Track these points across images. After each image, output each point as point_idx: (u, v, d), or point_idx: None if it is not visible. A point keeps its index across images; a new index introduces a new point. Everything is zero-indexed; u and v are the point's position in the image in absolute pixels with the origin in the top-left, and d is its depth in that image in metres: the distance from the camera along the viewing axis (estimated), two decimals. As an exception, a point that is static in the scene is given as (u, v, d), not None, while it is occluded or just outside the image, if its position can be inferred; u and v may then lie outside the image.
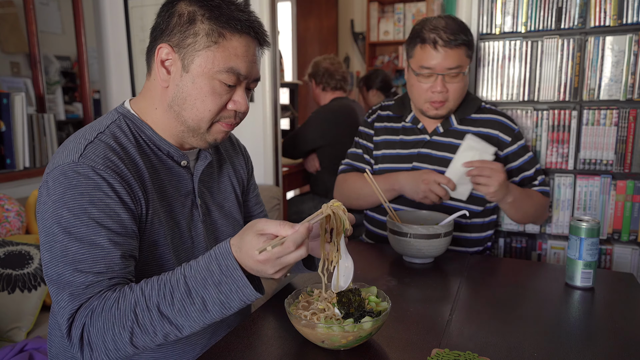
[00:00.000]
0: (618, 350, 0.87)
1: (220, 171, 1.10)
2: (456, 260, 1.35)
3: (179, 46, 0.88)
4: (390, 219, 1.33)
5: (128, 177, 0.85)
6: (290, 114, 3.57)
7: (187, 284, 0.77)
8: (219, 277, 0.76)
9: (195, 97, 0.89)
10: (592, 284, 1.14)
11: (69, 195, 0.80)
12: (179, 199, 0.96)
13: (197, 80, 0.88)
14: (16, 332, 1.60)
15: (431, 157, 1.54)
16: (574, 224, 1.14)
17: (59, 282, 0.80)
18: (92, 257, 0.80)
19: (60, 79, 4.03)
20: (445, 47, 1.39)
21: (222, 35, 0.87)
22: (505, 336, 0.92)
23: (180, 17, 0.88)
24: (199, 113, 0.90)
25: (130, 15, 2.67)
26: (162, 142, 0.94)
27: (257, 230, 0.75)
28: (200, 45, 0.87)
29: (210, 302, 0.76)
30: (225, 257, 0.76)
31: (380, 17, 5.23)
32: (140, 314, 0.76)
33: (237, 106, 0.92)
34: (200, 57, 0.87)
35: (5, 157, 2.23)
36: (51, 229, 0.80)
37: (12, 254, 1.69)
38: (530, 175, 1.57)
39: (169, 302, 0.76)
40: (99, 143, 0.86)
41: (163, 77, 0.90)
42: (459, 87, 1.44)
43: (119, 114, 0.94)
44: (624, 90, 1.66)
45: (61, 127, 4.05)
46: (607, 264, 1.75)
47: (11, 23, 3.39)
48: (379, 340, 0.90)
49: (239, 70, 0.89)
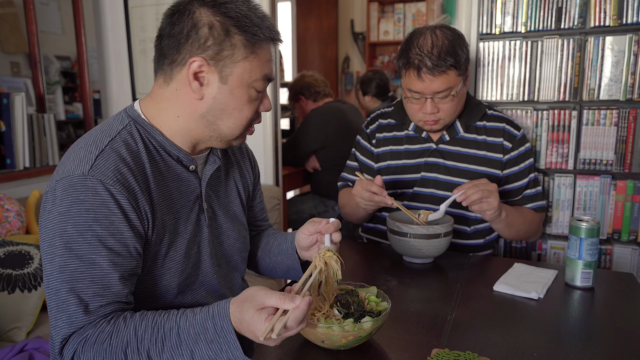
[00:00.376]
0: (618, 350, 0.87)
1: (227, 175, 1.10)
2: (456, 260, 1.35)
3: (215, 59, 0.88)
4: (391, 219, 1.33)
5: (136, 192, 0.85)
6: (290, 114, 3.58)
7: (179, 335, 0.77)
8: (212, 335, 0.76)
9: (233, 107, 0.91)
10: (592, 284, 1.14)
11: (75, 209, 0.80)
12: (186, 205, 0.96)
13: (235, 91, 0.90)
14: (16, 332, 1.60)
15: (440, 166, 1.50)
16: (573, 224, 1.14)
17: (56, 301, 0.80)
18: (90, 277, 0.80)
19: (60, 79, 4.03)
20: (430, 74, 1.33)
21: (256, 45, 0.89)
22: (505, 336, 0.92)
23: (211, 29, 0.87)
24: (237, 121, 0.93)
25: (130, 15, 2.67)
26: (172, 148, 0.94)
27: (257, 305, 0.74)
28: (238, 57, 0.88)
29: (198, 356, 0.77)
30: (222, 319, 0.77)
31: (380, 17, 5.23)
32: (130, 356, 0.77)
33: (266, 107, 0.96)
34: (238, 68, 0.89)
35: (5, 157, 2.23)
36: (53, 240, 0.80)
37: (12, 254, 1.69)
38: (523, 185, 1.52)
39: (159, 349, 0.77)
40: (109, 152, 0.85)
41: (196, 89, 0.89)
42: (451, 106, 1.40)
43: (129, 118, 0.93)
44: (624, 90, 1.66)
45: (61, 127, 4.06)
46: (607, 264, 1.75)
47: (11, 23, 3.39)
48: (379, 340, 0.90)
49: (270, 75, 0.93)
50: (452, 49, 1.33)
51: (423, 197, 1.52)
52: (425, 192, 1.52)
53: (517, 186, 1.52)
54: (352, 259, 1.38)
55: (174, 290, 0.93)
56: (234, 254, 1.08)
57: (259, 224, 1.24)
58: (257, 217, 1.23)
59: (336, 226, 0.97)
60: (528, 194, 1.53)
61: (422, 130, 1.52)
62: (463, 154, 1.49)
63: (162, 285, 0.91)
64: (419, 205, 1.51)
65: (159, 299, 0.92)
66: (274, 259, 1.15)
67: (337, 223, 0.97)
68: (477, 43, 1.81)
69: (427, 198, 1.51)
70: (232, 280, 1.09)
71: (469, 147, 1.49)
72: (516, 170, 1.51)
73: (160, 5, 2.58)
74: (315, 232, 1.01)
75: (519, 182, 1.52)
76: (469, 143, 1.50)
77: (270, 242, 1.18)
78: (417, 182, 1.53)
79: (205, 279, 0.99)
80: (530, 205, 1.53)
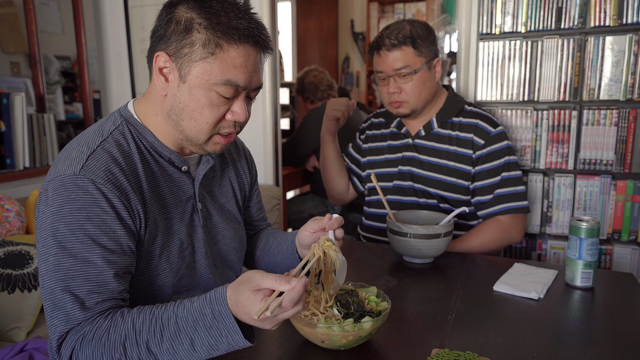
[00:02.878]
0: (618, 350, 0.87)
1: (223, 174, 1.10)
2: (456, 260, 1.35)
3: (175, 55, 0.85)
4: (390, 219, 1.34)
5: (128, 191, 0.85)
6: (290, 114, 3.58)
7: (177, 323, 0.77)
8: (211, 321, 0.76)
9: (192, 108, 0.87)
10: (592, 284, 1.14)
11: (67, 208, 0.80)
12: (179, 206, 0.96)
13: (194, 92, 0.86)
14: (16, 332, 1.60)
15: (415, 160, 1.56)
16: (573, 224, 1.14)
17: (52, 299, 0.80)
18: (84, 275, 0.79)
19: (60, 79, 4.03)
20: (386, 50, 1.46)
21: (219, 46, 0.83)
22: (505, 336, 0.92)
23: (177, 24, 0.85)
24: (197, 124, 0.88)
25: (130, 15, 2.67)
26: (164, 149, 0.93)
27: (253, 286, 0.74)
28: (196, 56, 0.84)
29: (198, 343, 0.76)
30: (219, 303, 0.76)
31: (380, 17, 5.23)
32: (129, 348, 0.76)
33: (236, 117, 0.90)
34: (196, 68, 0.84)
35: (5, 157, 2.23)
36: (47, 240, 0.81)
37: (12, 254, 1.69)
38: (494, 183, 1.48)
39: (158, 340, 0.76)
40: (101, 153, 0.85)
41: (161, 85, 0.88)
42: (413, 87, 1.47)
43: (122, 118, 0.93)
44: (624, 90, 1.66)
45: (61, 127, 4.05)
46: (607, 264, 1.75)
47: (11, 23, 3.39)
48: (379, 340, 0.90)
49: (237, 81, 0.85)
50: (411, 32, 1.46)
51: (403, 190, 1.58)
52: (404, 185, 1.58)
53: (487, 184, 1.49)
54: (352, 258, 1.38)
55: (169, 291, 0.93)
56: (229, 253, 1.08)
57: (257, 224, 1.24)
58: (254, 216, 1.22)
59: (340, 222, 0.97)
60: (499, 193, 1.48)
61: (403, 125, 1.61)
62: (437, 149, 1.54)
63: (157, 286, 0.91)
64: (403, 198, 1.58)
65: (154, 299, 0.92)
66: (274, 258, 1.15)
67: (340, 219, 0.97)
68: (477, 43, 1.81)
69: (406, 191, 1.58)
70: (229, 279, 1.08)
71: (442, 142, 1.53)
72: (487, 168, 1.49)
73: (160, 5, 2.57)
74: (318, 230, 1.00)
75: (490, 180, 1.49)
76: (442, 138, 1.54)
77: (270, 241, 1.18)
78: (395, 176, 1.60)
79: (201, 279, 0.99)
80: (501, 207, 1.48)
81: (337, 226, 0.96)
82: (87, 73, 2.74)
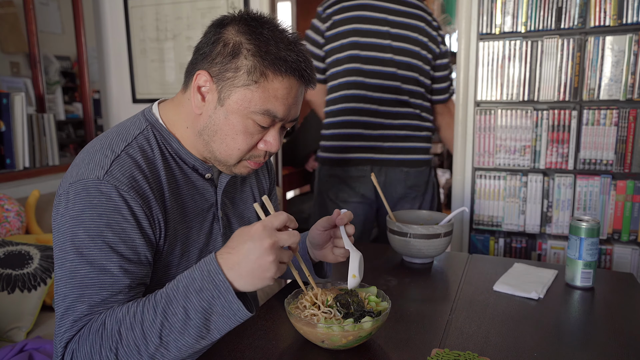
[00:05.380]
0: (618, 350, 0.87)
1: (243, 180, 1.08)
2: (456, 260, 1.35)
3: (218, 77, 0.84)
4: (390, 219, 1.34)
5: (150, 200, 0.84)
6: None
7: (169, 295, 0.74)
8: (200, 282, 0.73)
9: (226, 132, 0.86)
10: (592, 284, 1.14)
11: (88, 214, 0.79)
12: (200, 214, 0.95)
13: (230, 117, 0.85)
14: (16, 332, 1.59)
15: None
16: (573, 224, 1.14)
17: (64, 305, 0.79)
18: (100, 283, 0.78)
19: (60, 79, 4.03)
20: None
21: (264, 75, 0.82)
22: (505, 336, 0.92)
23: (225, 46, 0.83)
24: (228, 149, 0.88)
25: (130, 15, 2.67)
26: (188, 156, 0.92)
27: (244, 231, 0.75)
28: (239, 81, 0.83)
29: (192, 310, 0.73)
30: (207, 263, 0.74)
31: (380, 17, 5.22)
32: (125, 333, 0.74)
33: (268, 147, 0.89)
34: (237, 93, 0.83)
35: (5, 157, 2.23)
36: (65, 245, 0.79)
37: (12, 254, 1.69)
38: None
39: (152, 317, 0.74)
40: (125, 158, 0.84)
41: (197, 104, 0.87)
42: None
43: (147, 122, 0.92)
44: (624, 90, 1.66)
45: (61, 127, 4.06)
46: (607, 264, 1.75)
47: (11, 23, 3.39)
48: (379, 340, 0.90)
49: (276, 113, 0.85)
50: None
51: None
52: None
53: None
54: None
55: None
56: None
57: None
58: None
59: (349, 217, 0.95)
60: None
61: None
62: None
63: None
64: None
65: None
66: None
67: (349, 214, 0.95)
68: (477, 43, 1.81)
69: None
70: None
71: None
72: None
73: (160, 5, 2.58)
74: (329, 227, 0.97)
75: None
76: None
77: None
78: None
79: None
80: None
81: (347, 221, 0.95)
82: (87, 73, 2.74)
